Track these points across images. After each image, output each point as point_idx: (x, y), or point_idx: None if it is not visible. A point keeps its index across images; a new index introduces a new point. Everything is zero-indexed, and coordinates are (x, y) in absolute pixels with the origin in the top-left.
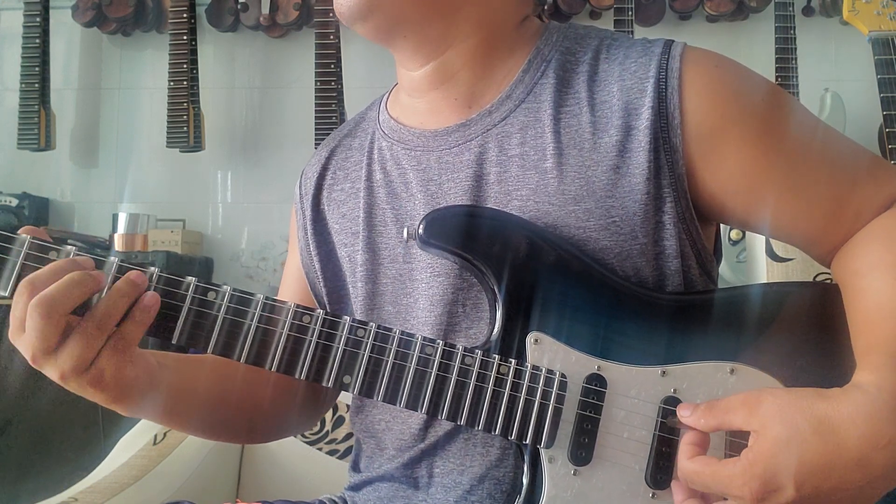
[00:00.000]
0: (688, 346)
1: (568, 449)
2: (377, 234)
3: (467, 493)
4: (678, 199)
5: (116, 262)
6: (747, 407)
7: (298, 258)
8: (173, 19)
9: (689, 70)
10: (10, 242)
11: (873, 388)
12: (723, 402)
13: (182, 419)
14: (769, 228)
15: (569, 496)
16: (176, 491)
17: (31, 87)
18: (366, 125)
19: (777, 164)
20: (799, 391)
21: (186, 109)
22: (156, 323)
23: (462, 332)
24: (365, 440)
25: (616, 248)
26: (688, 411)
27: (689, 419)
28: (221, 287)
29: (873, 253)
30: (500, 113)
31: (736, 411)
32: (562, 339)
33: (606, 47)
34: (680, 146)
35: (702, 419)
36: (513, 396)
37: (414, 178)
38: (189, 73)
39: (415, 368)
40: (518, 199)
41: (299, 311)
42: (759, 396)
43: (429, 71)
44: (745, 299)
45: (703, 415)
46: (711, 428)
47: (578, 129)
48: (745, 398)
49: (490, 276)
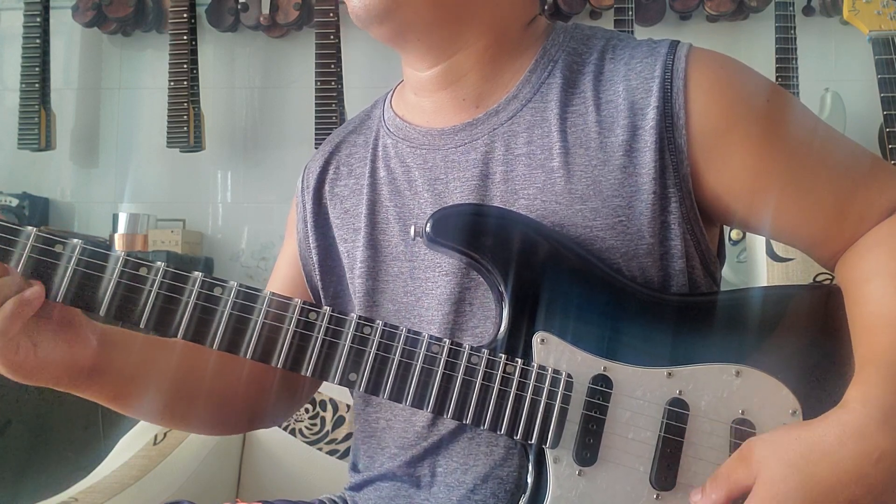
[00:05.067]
0: (694, 348)
1: (573, 449)
2: (379, 232)
3: (471, 492)
4: (683, 200)
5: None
6: (743, 461)
7: (294, 249)
8: (173, 19)
9: (694, 71)
10: (16, 235)
11: (858, 405)
12: (722, 468)
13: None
14: (772, 230)
15: (573, 496)
16: (176, 491)
17: (31, 87)
18: (370, 122)
19: (781, 166)
20: (786, 427)
21: (186, 109)
22: (161, 318)
23: (469, 330)
24: (365, 439)
25: (622, 248)
26: (698, 496)
27: (703, 501)
28: (228, 283)
29: (876, 260)
30: (506, 112)
31: (736, 471)
32: (568, 339)
33: (612, 47)
34: (684, 146)
35: (712, 494)
36: (519, 396)
37: (419, 177)
38: (189, 73)
39: (421, 366)
40: (525, 198)
41: (306, 308)
42: (749, 447)
43: (438, 72)
44: (750, 301)
45: (711, 490)
46: (724, 499)
47: (585, 128)
48: (738, 456)
49: (497, 275)
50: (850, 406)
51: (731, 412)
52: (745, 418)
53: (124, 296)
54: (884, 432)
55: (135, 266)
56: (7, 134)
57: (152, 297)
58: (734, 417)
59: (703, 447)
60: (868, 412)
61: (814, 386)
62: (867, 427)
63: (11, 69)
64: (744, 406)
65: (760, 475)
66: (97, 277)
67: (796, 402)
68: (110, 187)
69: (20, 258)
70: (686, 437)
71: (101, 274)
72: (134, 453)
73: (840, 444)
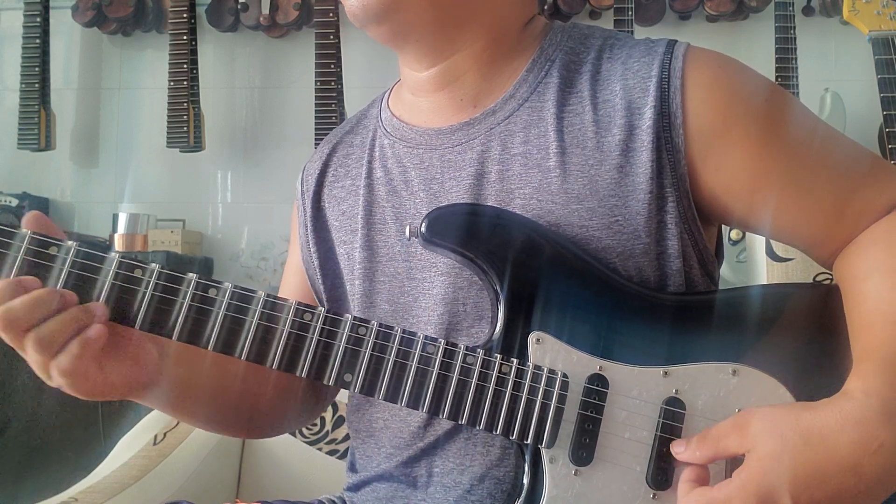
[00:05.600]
0: (690, 347)
1: (569, 449)
2: (376, 232)
3: (467, 492)
4: (680, 199)
5: (117, 258)
6: (738, 429)
7: (299, 254)
8: (173, 19)
9: (691, 70)
10: (10, 237)
11: (861, 394)
12: (714, 430)
13: (185, 411)
14: (770, 230)
15: (569, 496)
16: (176, 491)
17: (31, 87)
18: (367, 122)
19: (779, 165)
20: (787, 405)
21: (186, 109)
22: (156, 320)
23: (464, 331)
24: (362, 439)
25: (619, 248)
26: (681, 447)
27: (685, 454)
28: (223, 284)
29: (874, 257)
30: (503, 112)
31: (728, 436)
32: (564, 338)
33: (609, 47)
34: (682, 146)
35: (697, 451)
36: (514, 396)
37: (416, 177)
38: (189, 73)
39: (416, 367)
40: (520, 197)
41: (301, 309)
42: (747, 417)
43: (435, 73)
44: (747, 300)
45: (697, 447)
46: (707, 459)
47: (581, 128)
48: (734, 421)
49: (492, 274)
50: (854, 395)
51: (728, 411)
52: None
53: (119, 297)
54: (884, 424)
55: (130, 268)
56: (7, 134)
57: (147, 299)
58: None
59: None
60: (870, 402)
61: (811, 384)
62: (869, 417)
63: (11, 69)
64: (741, 405)
65: (755, 449)
66: (92, 279)
67: (793, 400)
68: (110, 187)
69: (14, 261)
70: (683, 436)
71: (95, 276)
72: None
73: (840, 431)
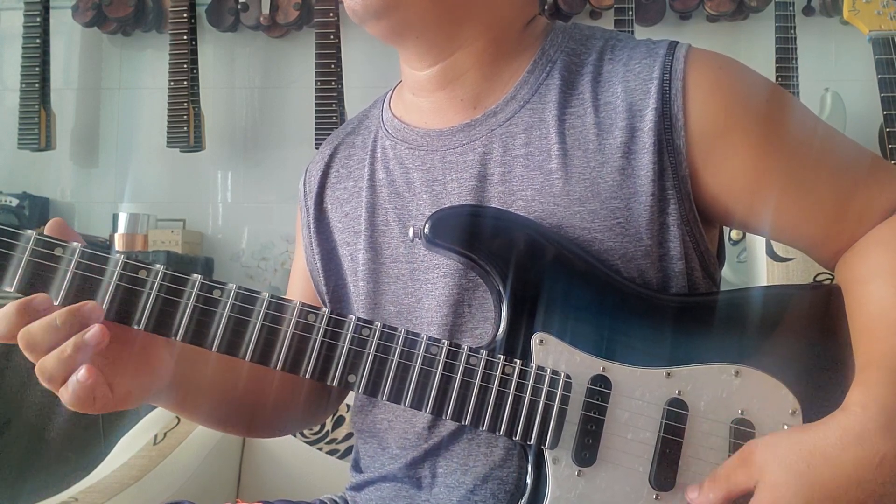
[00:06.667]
0: (693, 348)
1: (572, 450)
2: (379, 234)
3: (470, 493)
4: (682, 201)
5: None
6: (744, 463)
7: (303, 261)
8: (173, 19)
9: (692, 71)
10: (15, 239)
11: (858, 408)
12: (722, 469)
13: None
14: (772, 230)
15: (572, 497)
16: (176, 491)
17: (31, 87)
18: (369, 123)
19: (781, 166)
20: (786, 431)
21: (186, 109)
22: (160, 321)
23: (468, 332)
24: (366, 440)
25: (621, 250)
26: (695, 493)
27: (700, 500)
28: (227, 286)
29: (877, 259)
30: (504, 113)
31: (735, 473)
32: (566, 339)
33: (611, 48)
34: (683, 148)
35: (710, 494)
36: (517, 397)
37: (418, 178)
38: (189, 73)
39: (420, 368)
40: (523, 199)
41: (304, 310)
42: (751, 449)
43: (436, 72)
44: (749, 301)
45: (709, 489)
46: (722, 499)
47: (583, 130)
48: (738, 457)
49: (495, 276)
50: (851, 410)
51: (731, 412)
52: (744, 418)
53: (124, 299)
54: (885, 436)
55: (134, 269)
56: (7, 134)
57: (151, 300)
58: (733, 417)
59: (703, 447)
60: (869, 416)
61: (813, 386)
62: (868, 431)
63: (11, 69)
64: (743, 406)
65: (762, 480)
66: (97, 281)
67: (796, 401)
68: (110, 187)
69: (20, 262)
70: (685, 437)
71: (100, 277)
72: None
73: (841, 449)
